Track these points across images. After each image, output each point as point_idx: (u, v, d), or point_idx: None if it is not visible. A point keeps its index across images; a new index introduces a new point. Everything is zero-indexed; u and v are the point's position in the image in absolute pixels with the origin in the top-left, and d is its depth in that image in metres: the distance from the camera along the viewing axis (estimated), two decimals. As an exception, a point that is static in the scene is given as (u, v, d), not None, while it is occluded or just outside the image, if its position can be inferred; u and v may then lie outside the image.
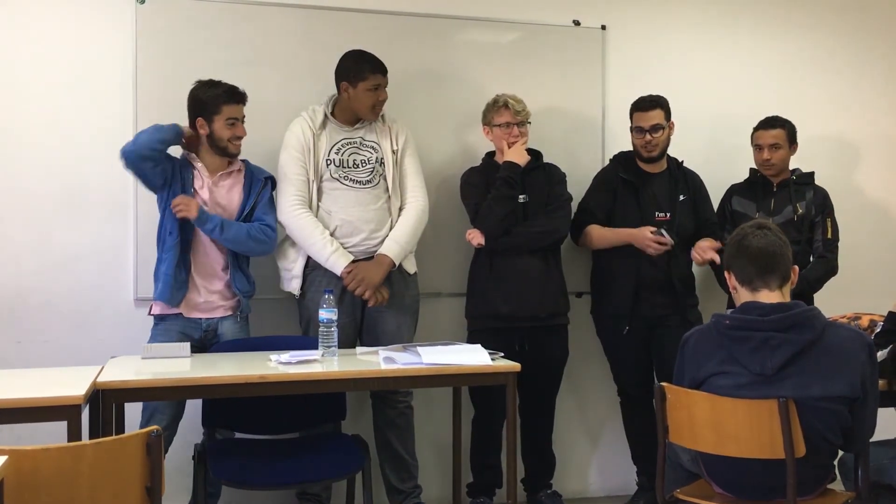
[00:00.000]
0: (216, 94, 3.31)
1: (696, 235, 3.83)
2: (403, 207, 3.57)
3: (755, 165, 3.97)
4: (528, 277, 3.64)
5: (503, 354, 3.16)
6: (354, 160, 3.52)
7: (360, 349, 3.33)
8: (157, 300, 3.32)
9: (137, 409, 3.23)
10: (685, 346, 2.64)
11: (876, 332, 2.91)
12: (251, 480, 3.02)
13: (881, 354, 2.76)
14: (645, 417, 3.74)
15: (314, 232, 3.43)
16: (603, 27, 4.19)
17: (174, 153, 3.39)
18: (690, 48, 4.32)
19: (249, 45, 3.72)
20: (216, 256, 3.36)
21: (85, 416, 2.50)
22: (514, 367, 3.02)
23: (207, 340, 3.35)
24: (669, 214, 3.78)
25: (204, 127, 3.33)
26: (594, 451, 4.23)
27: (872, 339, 2.73)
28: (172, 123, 3.33)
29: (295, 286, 3.52)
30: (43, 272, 3.54)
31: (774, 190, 3.94)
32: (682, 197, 3.82)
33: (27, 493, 1.96)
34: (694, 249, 3.75)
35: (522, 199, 3.66)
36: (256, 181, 3.42)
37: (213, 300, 3.35)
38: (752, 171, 4.01)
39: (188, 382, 2.81)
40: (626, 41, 4.21)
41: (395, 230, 3.52)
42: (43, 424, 2.49)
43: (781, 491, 2.43)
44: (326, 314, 3.06)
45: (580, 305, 3.99)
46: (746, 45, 4.39)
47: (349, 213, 3.49)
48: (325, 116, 3.53)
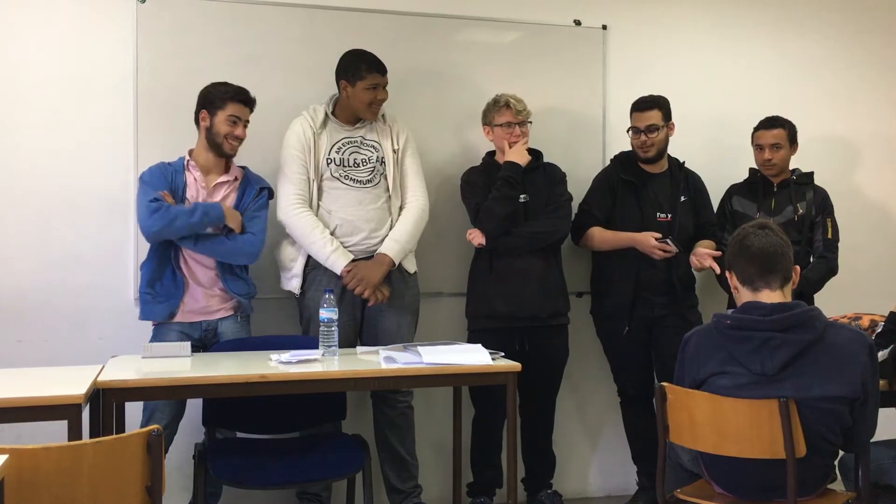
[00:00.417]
0: (225, 90, 3.32)
1: (695, 236, 3.84)
2: (404, 207, 3.58)
3: (755, 165, 3.97)
4: (528, 277, 3.64)
5: (503, 354, 3.15)
6: (355, 159, 3.52)
7: (360, 349, 3.33)
8: (140, 318, 3.33)
9: (138, 408, 3.23)
10: (686, 346, 2.63)
11: (877, 332, 2.91)
12: (251, 480, 3.02)
13: (882, 355, 2.76)
14: (645, 417, 3.74)
15: (314, 231, 3.43)
16: (604, 27, 4.19)
17: (171, 157, 3.37)
18: (691, 48, 4.32)
19: (250, 44, 3.72)
20: (208, 262, 3.33)
21: (85, 415, 2.50)
22: (514, 366, 3.02)
23: (208, 340, 3.35)
24: (670, 215, 3.78)
25: (205, 119, 3.32)
26: (594, 450, 4.23)
27: (873, 339, 2.72)
28: (216, 205, 3.28)
29: (295, 285, 3.52)
30: (43, 271, 3.54)
31: (775, 190, 3.94)
32: (683, 198, 3.81)
33: (28, 492, 1.96)
34: (692, 255, 3.74)
35: (523, 198, 3.66)
36: (251, 189, 3.39)
37: (211, 304, 3.34)
38: (751, 171, 4.00)
39: (188, 382, 2.81)
40: (627, 41, 4.21)
41: (394, 229, 3.52)
42: (43, 424, 2.49)
43: (782, 491, 2.43)
44: (327, 314, 3.05)
45: (580, 305, 3.99)
46: (747, 45, 4.39)
47: (349, 212, 3.49)
48: (325, 115, 3.53)
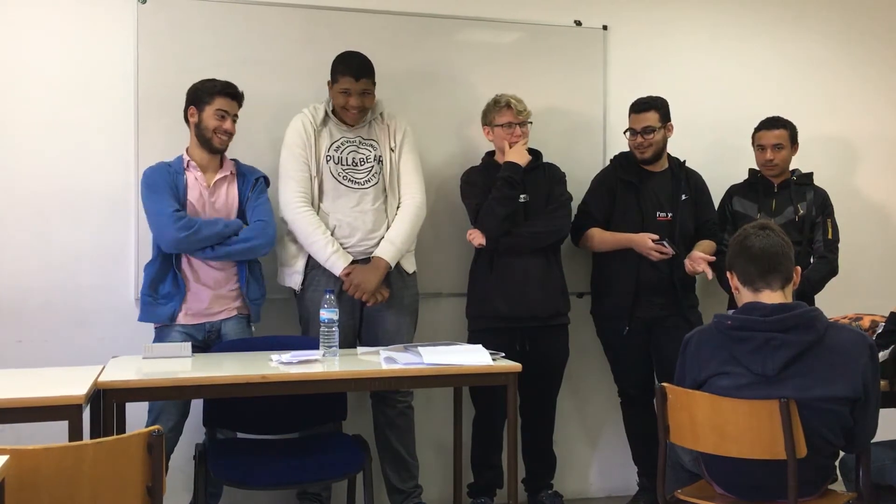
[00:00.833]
0: (212, 85, 3.32)
1: (696, 236, 3.83)
2: (400, 205, 3.56)
3: (756, 166, 3.97)
4: (528, 277, 3.64)
5: (504, 355, 3.15)
6: (353, 158, 3.52)
7: (360, 349, 3.32)
8: (140, 320, 3.32)
9: (143, 409, 3.23)
10: (687, 346, 2.63)
11: (877, 332, 2.91)
12: (252, 480, 3.02)
13: (883, 355, 2.76)
14: (645, 418, 3.74)
15: (316, 231, 3.42)
16: (604, 27, 4.18)
17: (168, 156, 3.37)
18: (692, 48, 4.32)
19: (250, 44, 3.72)
20: (215, 262, 3.31)
21: (86, 416, 2.50)
22: (514, 367, 3.02)
23: (211, 341, 3.34)
24: (671, 215, 3.78)
25: (194, 115, 3.32)
26: (595, 451, 4.22)
27: (874, 339, 2.72)
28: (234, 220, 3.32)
29: (296, 281, 3.51)
30: (44, 272, 3.54)
31: (775, 191, 3.94)
32: (683, 197, 3.81)
33: (28, 492, 1.96)
34: (687, 258, 3.70)
35: (523, 198, 3.65)
36: (248, 180, 3.40)
37: (215, 305, 3.32)
38: (751, 171, 4.00)
39: (189, 382, 2.81)
40: (627, 41, 4.21)
41: (390, 231, 3.51)
42: (44, 424, 2.49)
43: (783, 492, 2.43)
44: (327, 314, 3.05)
45: (580, 306, 3.99)
46: (747, 45, 4.39)
47: (346, 213, 3.48)
48: (325, 114, 3.53)
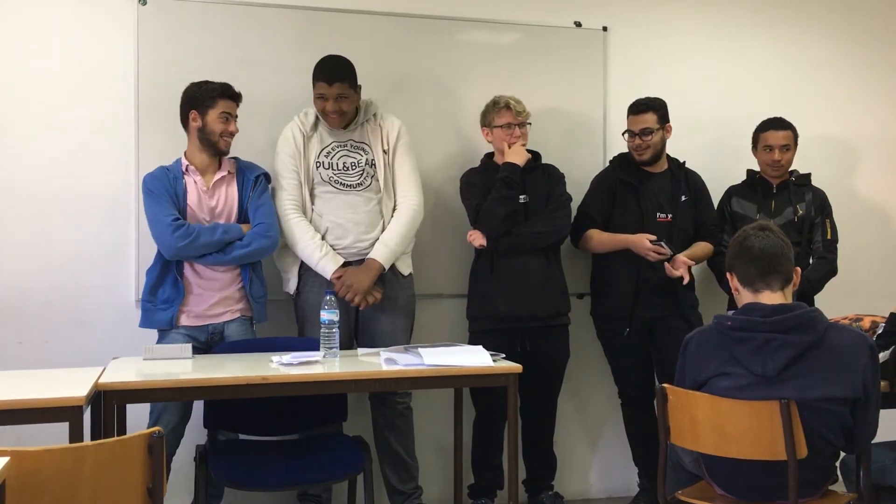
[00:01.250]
0: (212, 88, 3.30)
1: (695, 237, 3.83)
2: (396, 208, 3.55)
3: (758, 166, 3.97)
4: (529, 278, 3.64)
5: (504, 355, 3.15)
6: (345, 163, 3.51)
7: (361, 350, 3.32)
8: (140, 326, 3.32)
9: (144, 410, 3.23)
10: (687, 347, 2.64)
11: (878, 333, 2.91)
12: (252, 482, 3.02)
13: (883, 356, 2.77)
14: (646, 418, 3.75)
15: (304, 236, 3.42)
16: (604, 28, 4.18)
17: (168, 157, 3.37)
18: (691, 49, 4.32)
19: (250, 46, 3.72)
20: (228, 266, 3.31)
21: (86, 417, 2.50)
22: (515, 368, 3.02)
23: (214, 343, 3.33)
24: (671, 215, 3.78)
25: (197, 119, 3.30)
26: (595, 452, 4.22)
27: (874, 340, 2.73)
28: (234, 226, 3.30)
29: (291, 286, 3.52)
30: (44, 272, 3.54)
31: (774, 191, 3.94)
32: (683, 197, 3.81)
33: (29, 494, 1.96)
34: (672, 262, 3.64)
35: (523, 199, 3.65)
36: (248, 178, 3.38)
37: (219, 308, 3.31)
38: (749, 172, 4.00)
39: (190, 384, 2.81)
40: (627, 43, 4.21)
41: (385, 233, 3.50)
42: (44, 425, 2.49)
43: (783, 492, 2.43)
44: (328, 315, 3.04)
45: (580, 306, 3.99)
46: (747, 46, 4.39)
47: (339, 215, 3.48)
48: (316, 119, 3.51)
